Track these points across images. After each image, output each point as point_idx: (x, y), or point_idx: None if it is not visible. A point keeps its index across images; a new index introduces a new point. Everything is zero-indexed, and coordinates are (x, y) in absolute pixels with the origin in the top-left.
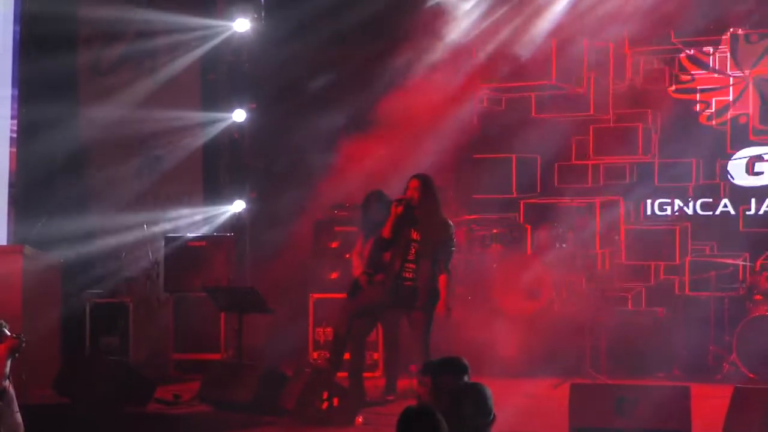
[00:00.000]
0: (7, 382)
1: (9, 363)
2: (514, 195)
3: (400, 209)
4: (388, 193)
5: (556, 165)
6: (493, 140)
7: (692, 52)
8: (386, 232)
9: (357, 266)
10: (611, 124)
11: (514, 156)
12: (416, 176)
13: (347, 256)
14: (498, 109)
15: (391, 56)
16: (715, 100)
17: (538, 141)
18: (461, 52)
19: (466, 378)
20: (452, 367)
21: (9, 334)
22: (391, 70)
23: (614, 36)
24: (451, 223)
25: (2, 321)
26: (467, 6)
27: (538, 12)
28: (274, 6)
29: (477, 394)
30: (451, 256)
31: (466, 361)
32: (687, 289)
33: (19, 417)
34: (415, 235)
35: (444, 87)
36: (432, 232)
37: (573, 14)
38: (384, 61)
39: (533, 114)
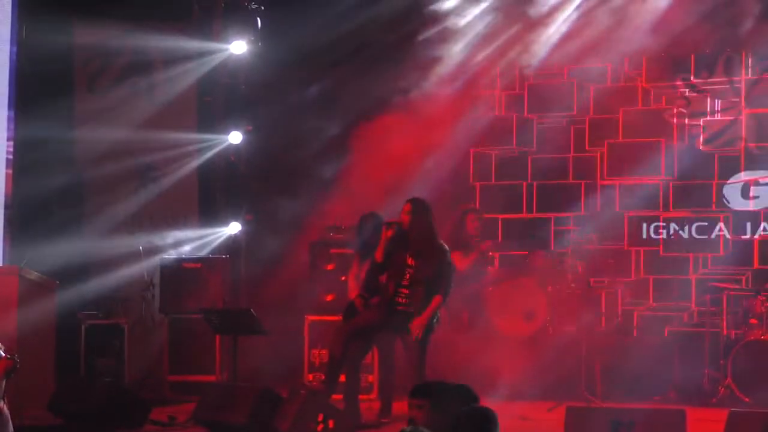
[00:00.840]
0: (2, 403)
1: (3, 384)
2: (511, 216)
3: (389, 232)
4: (383, 216)
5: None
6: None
7: (690, 78)
8: (378, 255)
9: (353, 288)
10: (620, 139)
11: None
12: (409, 200)
13: (343, 278)
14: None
15: (388, 76)
16: (706, 123)
17: (538, 162)
18: (460, 71)
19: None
20: (462, 394)
21: (3, 354)
22: (388, 90)
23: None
24: (447, 248)
25: None
26: (464, 25)
27: (532, 38)
28: (270, 28)
29: (486, 421)
30: (450, 283)
31: (474, 391)
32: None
33: None
34: (410, 261)
35: (442, 107)
36: (426, 257)
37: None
38: (380, 82)
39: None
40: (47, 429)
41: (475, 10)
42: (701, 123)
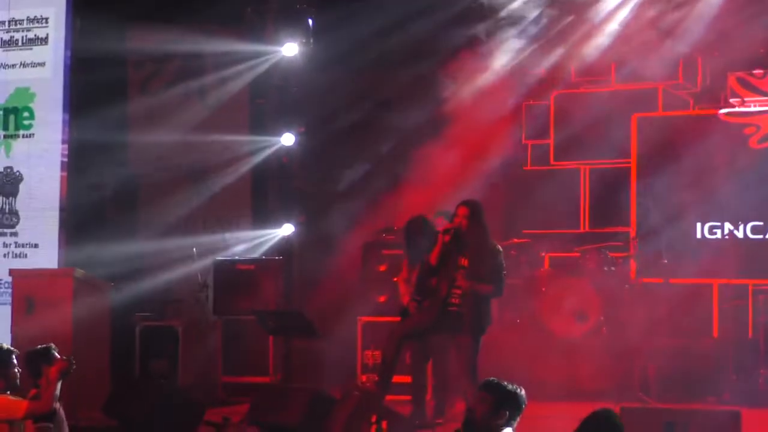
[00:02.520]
0: (57, 404)
1: (59, 385)
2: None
3: (447, 238)
4: (439, 215)
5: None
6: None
7: (742, 74)
8: (433, 258)
9: (404, 293)
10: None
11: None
12: (464, 203)
13: (395, 279)
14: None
15: (440, 78)
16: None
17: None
18: (509, 73)
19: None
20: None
21: (59, 356)
22: (440, 92)
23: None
24: (500, 248)
25: (52, 344)
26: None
27: (587, 34)
28: (322, 30)
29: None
30: (502, 281)
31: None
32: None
33: None
34: (463, 261)
35: (492, 108)
36: (480, 258)
37: (623, 35)
38: (432, 84)
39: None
40: (102, 430)
41: (534, 13)
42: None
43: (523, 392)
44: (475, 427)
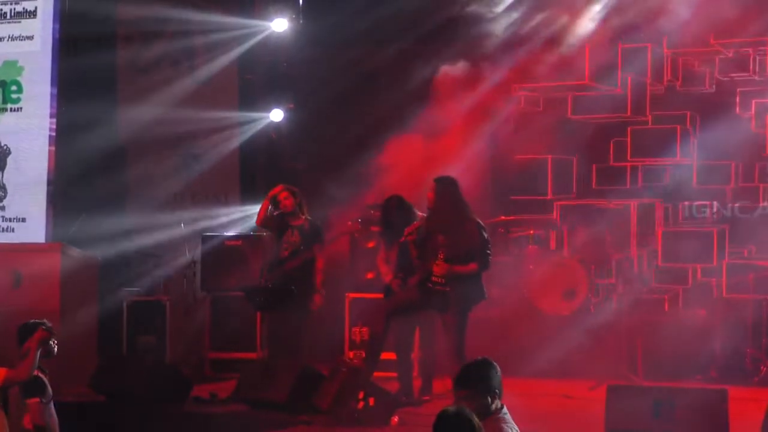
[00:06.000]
0: (44, 378)
1: (38, 354)
2: (550, 196)
3: (411, 238)
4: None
5: (593, 166)
6: (529, 141)
7: (732, 54)
8: (408, 236)
9: (386, 273)
10: (649, 126)
11: (550, 157)
12: (435, 179)
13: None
14: (535, 109)
15: (429, 55)
16: (755, 102)
17: (575, 142)
18: (498, 51)
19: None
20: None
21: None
22: (429, 69)
23: (654, 37)
24: (483, 223)
25: (45, 320)
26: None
27: (576, 11)
28: (311, 6)
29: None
30: (486, 255)
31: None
32: (725, 292)
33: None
34: (442, 240)
35: (481, 87)
36: (457, 235)
37: (611, 14)
38: (422, 60)
39: (569, 115)
40: (89, 406)
41: None
42: None
43: (491, 361)
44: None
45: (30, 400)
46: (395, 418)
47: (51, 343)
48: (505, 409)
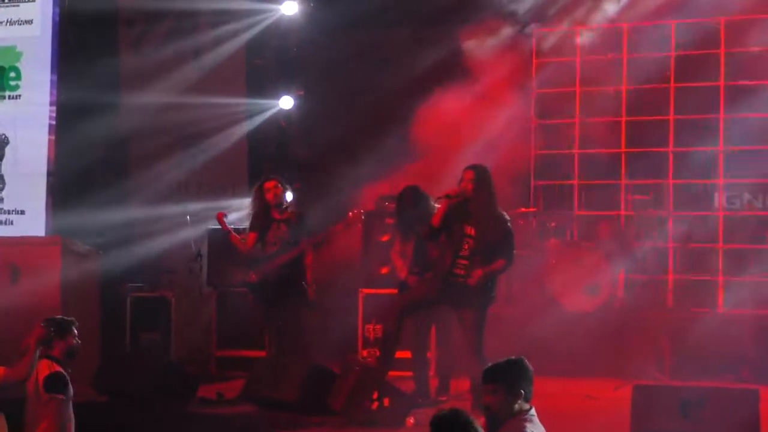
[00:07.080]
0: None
1: (37, 353)
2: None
3: (453, 201)
4: (438, 186)
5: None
6: (552, 131)
7: None
8: (435, 220)
9: (401, 267)
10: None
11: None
12: (471, 167)
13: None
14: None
15: (444, 41)
16: None
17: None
18: (519, 36)
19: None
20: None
21: (41, 325)
22: (444, 55)
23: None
24: (508, 217)
25: (73, 318)
26: None
27: None
28: None
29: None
30: (512, 250)
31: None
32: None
33: None
34: (469, 230)
35: (500, 73)
36: (487, 227)
37: None
38: (436, 46)
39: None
40: (91, 406)
41: None
42: None
43: (525, 360)
44: (500, 422)
45: (53, 396)
46: (411, 419)
47: (75, 342)
48: (533, 412)
